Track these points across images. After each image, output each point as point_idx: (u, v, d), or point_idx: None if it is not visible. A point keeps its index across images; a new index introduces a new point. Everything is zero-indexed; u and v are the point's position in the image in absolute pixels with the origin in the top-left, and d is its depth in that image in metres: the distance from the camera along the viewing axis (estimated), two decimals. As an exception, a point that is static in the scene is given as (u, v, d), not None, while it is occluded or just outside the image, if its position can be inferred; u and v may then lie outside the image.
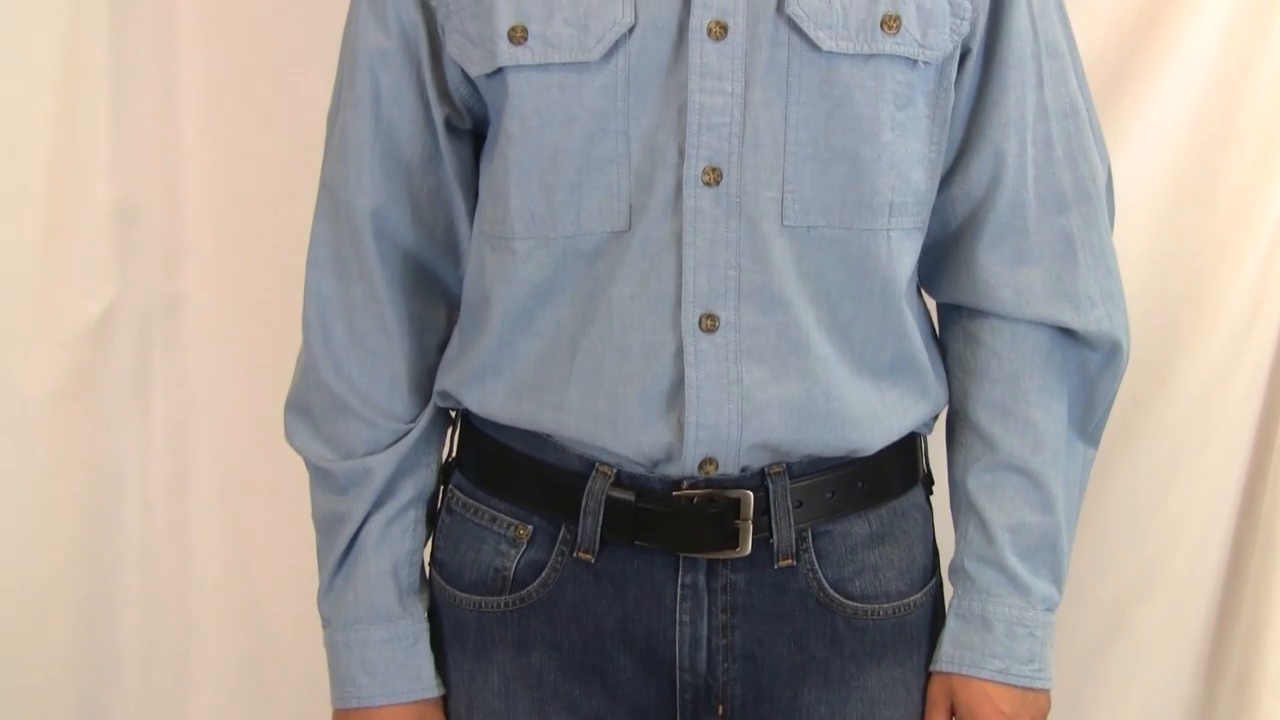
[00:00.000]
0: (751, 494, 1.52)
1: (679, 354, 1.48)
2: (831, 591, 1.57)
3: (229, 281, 2.37)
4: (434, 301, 1.68)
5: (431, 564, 1.70)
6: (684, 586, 1.54)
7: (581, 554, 1.55)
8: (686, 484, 1.52)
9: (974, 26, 1.53)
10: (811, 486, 1.55)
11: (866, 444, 1.55)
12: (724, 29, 1.43)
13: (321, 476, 1.67)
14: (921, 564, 1.65)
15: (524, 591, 1.59)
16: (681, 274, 1.46)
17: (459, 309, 1.65)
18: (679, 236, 1.46)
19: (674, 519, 1.52)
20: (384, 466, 1.63)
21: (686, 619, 1.55)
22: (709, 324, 1.47)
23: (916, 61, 1.48)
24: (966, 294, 1.62)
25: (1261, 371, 2.23)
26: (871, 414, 1.55)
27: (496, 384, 1.57)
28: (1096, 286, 1.60)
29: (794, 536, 1.55)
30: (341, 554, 1.65)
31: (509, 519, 1.60)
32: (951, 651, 1.62)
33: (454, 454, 1.71)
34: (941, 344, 1.68)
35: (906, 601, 1.61)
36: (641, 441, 1.50)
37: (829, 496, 1.56)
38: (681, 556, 1.54)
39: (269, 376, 1.96)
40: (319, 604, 1.69)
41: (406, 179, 1.60)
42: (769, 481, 1.53)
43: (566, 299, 1.52)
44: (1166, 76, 2.18)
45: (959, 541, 1.64)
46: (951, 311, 1.67)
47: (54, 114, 2.19)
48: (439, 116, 1.58)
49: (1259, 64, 2.17)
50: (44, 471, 2.26)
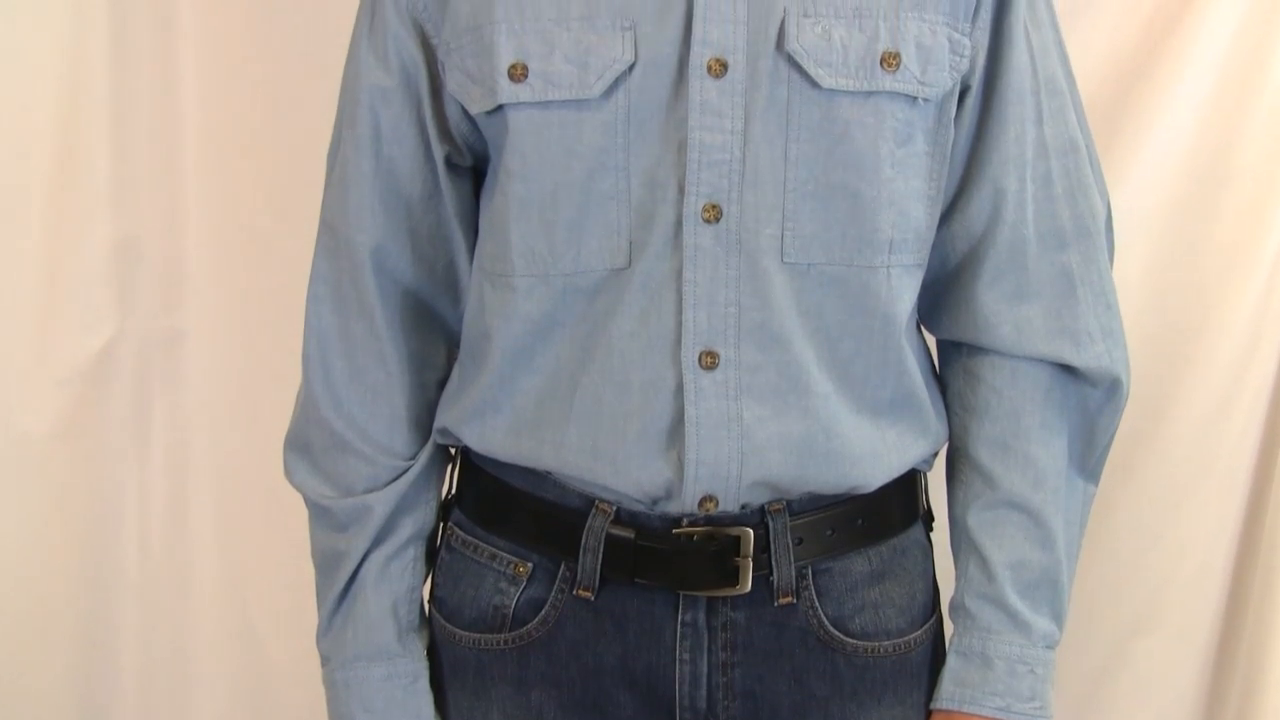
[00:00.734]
0: (751, 531, 1.52)
1: (679, 391, 1.48)
2: (832, 629, 1.56)
3: (228, 317, 2.37)
4: (434, 338, 1.68)
5: (431, 602, 1.69)
6: (684, 624, 1.54)
7: (581, 592, 1.55)
8: (686, 521, 1.51)
9: (973, 64, 1.53)
10: (811, 524, 1.55)
11: (867, 481, 1.55)
12: (724, 66, 1.44)
13: (321, 514, 1.66)
14: (922, 601, 1.64)
15: (524, 629, 1.58)
16: (681, 311, 1.46)
17: (459, 346, 1.65)
18: (679, 273, 1.46)
19: (674, 556, 1.52)
20: (383, 504, 1.63)
21: (686, 657, 1.54)
22: (709, 361, 1.47)
23: (916, 99, 1.48)
24: (966, 330, 1.62)
25: (1260, 404, 2.23)
26: (872, 451, 1.54)
27: (496, 421, 1.56)
28: (1096, 323, 1.59)
29: (794, 574, 1.54)
30: (341, 592, 1.65)
31: (509, 556, 1.59)
32: (952, 689, 1.61)
33: (453, 491, 1.70)
34: (941, 381, 1.68)
35: (907, 639, 1.61)
36: (641, 478, 1.50)
37: (829, 534, 1.56)
38: (681, 594, 1.53)
39: (268, 412, 1.96)
40: (318, 642, 1.68)
41: (407, 216, 1.60)
42: (769, 519, 1.53)
43: (566, 336, 1.52)
44: (1164, 112, 2.19)
45: (959, 579, 1.64)
46: (951, 348, 1.67)
47: (54, 149, 2.19)
48: (439, 154, 1.59)
49: (1256, 99, 2.17)
50: (43, 506, 2.26)
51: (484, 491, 1.63)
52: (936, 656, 1.66)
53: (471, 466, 1.65)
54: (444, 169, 1.60)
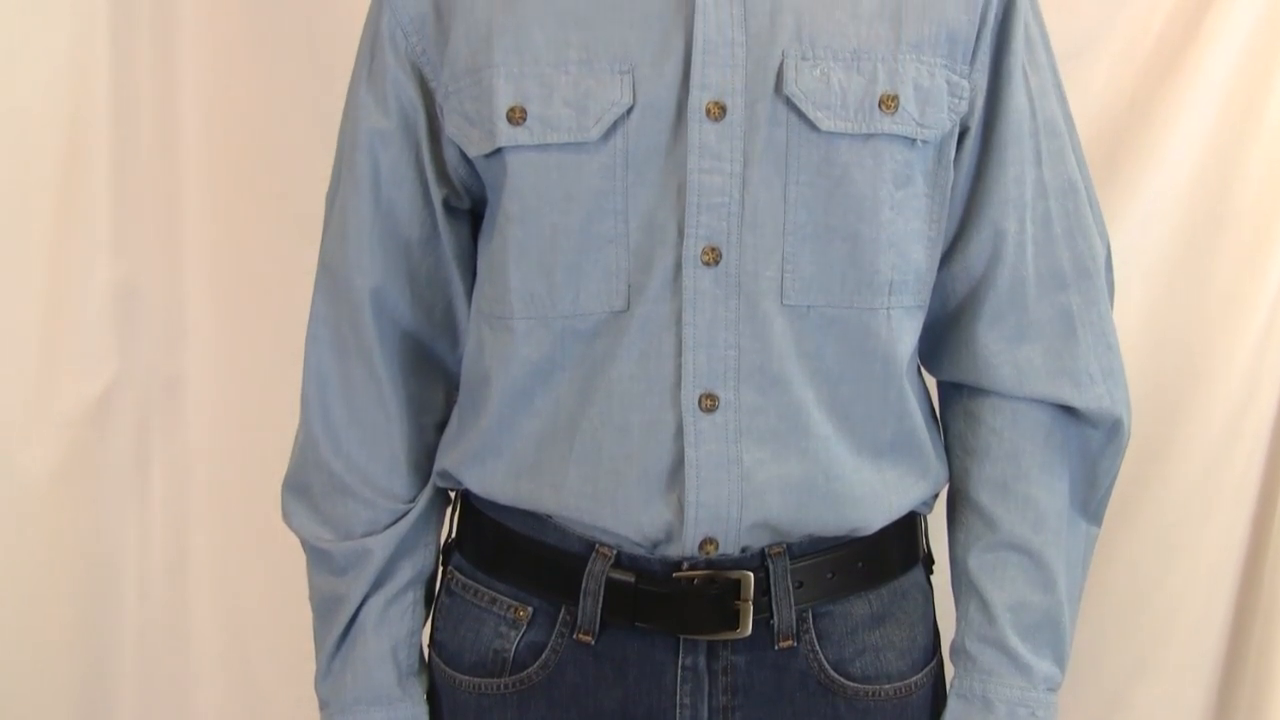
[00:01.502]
0: (752, 574, 1.51)
1: (679, 433, 1.48)
2: (832, 672, 1.56)
3: (227, 361, 2.38)
4: (433, 381, 1.68)
5: (430, 645, 1.69)
6: (684, 668, 1.53)
7: (581, 635, 1.54)
8: (687, 565, 1.51)
9: (972, 105, 1.54)
10: (812, 567, 1.54)
11: (867, 523, 1.54)
12: (722, 109, 1.44)
13: (319, 557, 1.66)
14: (922, 644, 1.64)
15: (524, 673, 1.58)
16: (681, 354, 1.46)
17: (458, 389, 1.65)
18: (678, 316, 1.46)
19: (674, 600, 1.51)
20: (383, 547, 1.63)
21: (687, 701, 1.54)
22: (709, 404, 1.47)
23: (915, 140, 1.48)
24: (967, 372, 1.61)
25: (1260, 448, 2.23)
26: (872, 493, 1.54)
27: (496, 464, 1.56)
28: (1097, 364, 1.59)
29: (794, 617, 1.54)
30: (340, 636, 1.64)
31: (509, 600, 1.59)
32: (954, 732, 1.61)
33: (453, 534, 1.70)
34: (942, 422, 1.68)
35: (908, 682, 1.60)
36: (642, 521, 1.50)
37: (829, 577, 1.55)
38: (682, 638, 1.53)
39: (268, 457, 1.95)
40: (317, 687, 1.68)
41: (405, 258, 1.61)
42: (769, 562, 1.52)
43: (566, 379, 1.51)
44: (1163, 153, 2.19)
45: (960, 621, 1.63)
46: (952, 390, 1.66)
47: (55, 194, 2.20)
48: (438, 196, 1.59)
49: (1254, 143, 2.18)
50: (43, 551, 2.26)
51: (484, 535, 1.63)
52: (937, 699, 1.65)
53: (471, 510, 1.65)
54: (442, 212, 1.60)
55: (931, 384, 1.69)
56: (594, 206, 1.47)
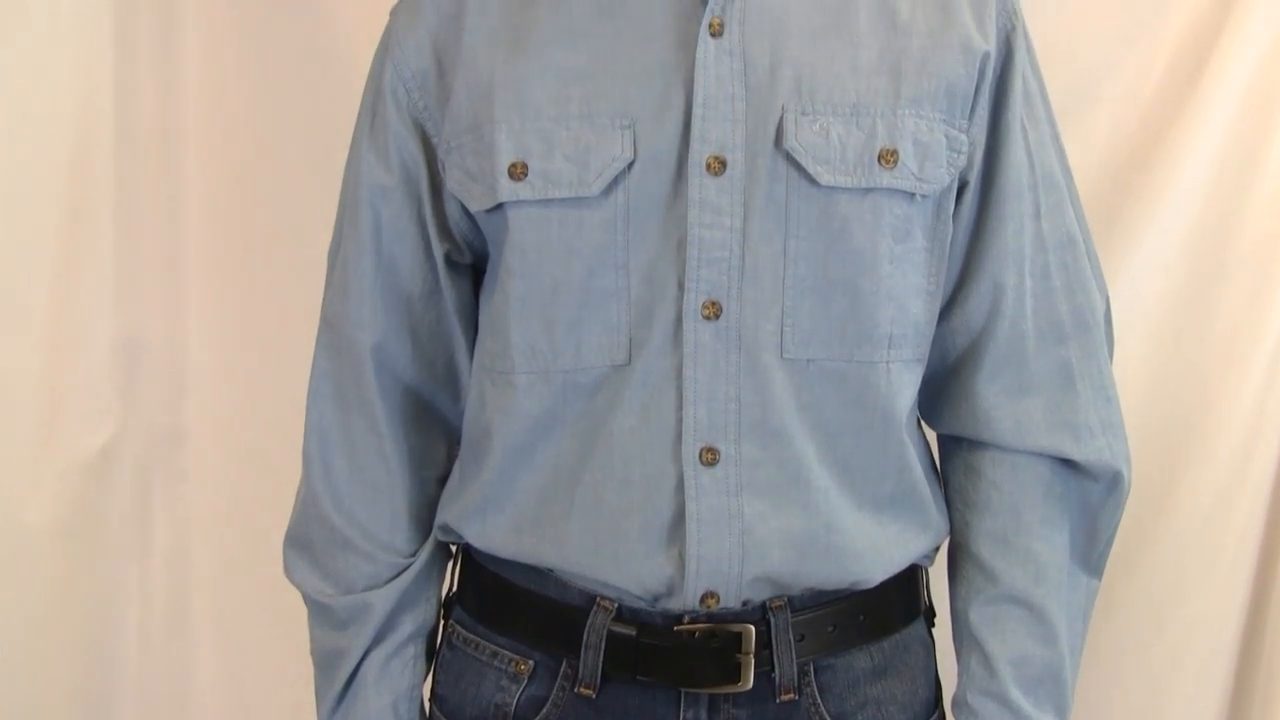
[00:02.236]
0: (753, 628, 1.51)
1: (680, 487, 1.48)
2: (834, 726, 1.56)
3: (230, 415, 2.38)
4: (434, 435, 1.69)
5: (431, 699, 1.68)
6: (686, 721, 1.53)
7: (583, 689, 1.54)
8: (688, 618, 1.51)
9: (971, 159, 1.54)
10: (813, 620, 1.54)
11: (868, 576, 1.54)
12: (723, 164, 1.45)
13: (320, 612, 1.66)
14: (924, 697, 1.63)
15: (525, 727, 1.58)
16: (682, 407, 1.47)
17: (459, 443, 1.66)
18: (679, 370, 1.46)
19: (675, 654, 1.51)
20: (384, 601, 1.63)
21: (689, 754, 1.53)
22: (709, 457, 1.47)
23: (914, 195, 1.49)
24: (966, 425, 1.62)
25: (1261, 499, 2.22)
26: (873, 546, 1.54)
27: (498, 518, 1.56)
28: (1096, 417, 1.59)
29: (796, 670, 1.53)
30: (341, 690, 1.64)
31: (510, 654, 1.58)
32: (955, 785, 1.60)
33: (454, 588, 1.70)
34: (942, 475, 1.68)
35: (910, 735, 1.60)
36: (643, 575, 1.50)
37: (831, 630, 1.55)
38: (683, 691, 1.52)
39: (269, 511, 1.95)
40: (318, 740, 1.68)
41: (407, 313, 1.61)
42: (770, 615, 1.52)
43: (567, 432, 1.52)
44: (1161, 207, 2.20)
45: (961, 674, 1.63)
46: (952, 443, 1.67)
47: (57, 247, 2.20)
48: (439, 251, 1.60)
49: (1253, 194, 2.18)
50: (44, 603, 2.25)
51: (485, 588, 1.63)
52: (939, 753, 1.65)
53: (472, 563, 1.65)
54: (444, 266, 1.61)
55: (932, 437, 1.69)
56: (595, 261, 1.47)
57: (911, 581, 1.63)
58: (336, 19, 2.25)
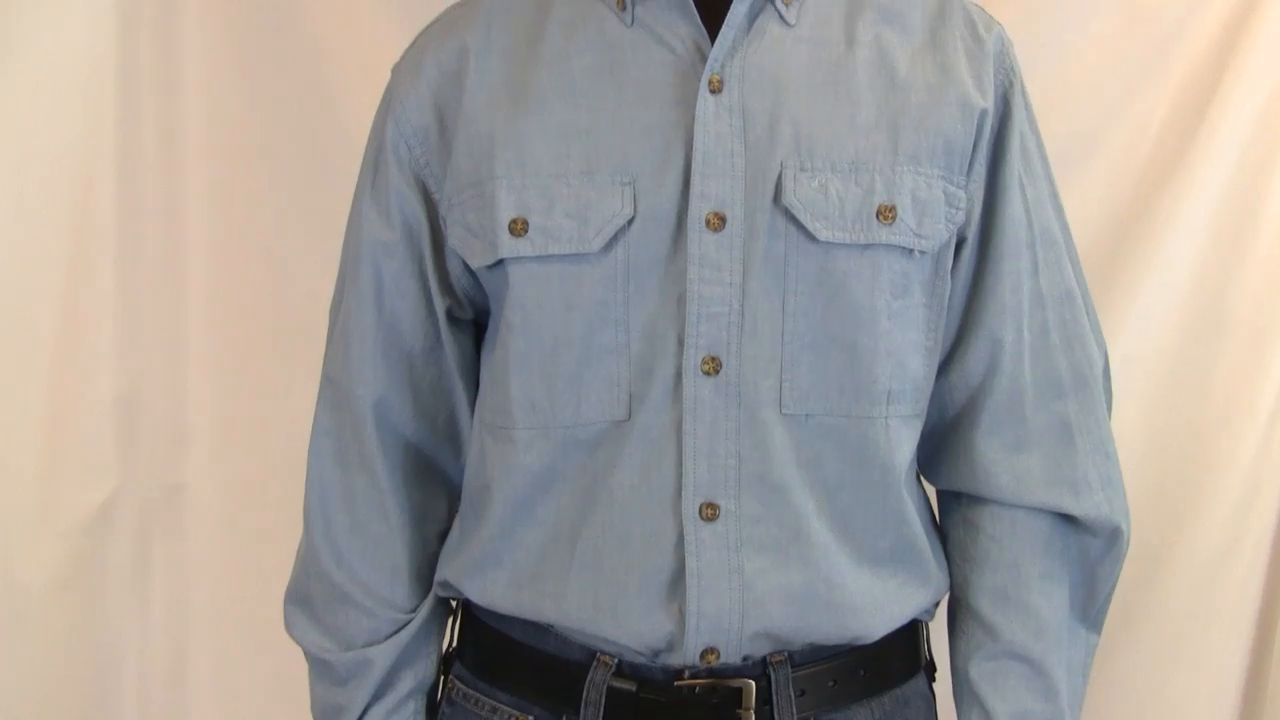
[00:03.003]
0: (754, 683, 1.51)
1: (680, 543, 1.47)
2: (835, 781, 1.55)
3: (229, 471, 2.38)
4: (435, 491, 1.68)
5: (432, 755, 1.68)
6: (687, 776, 1.52)
7: (583, 745, 1.54)
8: (688, 673, 1.50)
9: (969, 215, 1.55)
10: (814, 675, 1.53)
11: (868, 632, 1.54)
12: (722, 220, 1.45)
13: (321, 667, 1.66)
14: (925, 753, 1.63)
15: (526, 783, 1.57)
16: (682, 463, 1.47)
17: (460, 498, 1.66)
18: (679, 425, 1.46)
19: (676, 709, 1.50)
20: (384, 657, 1.62)
21: (689, 809, 1.53)
22: (709, 513, 1.47)
23: (912, 251, 1.49)
24: (965, 480, 1.62)
25: (1261, 553, 2.22)
26: (873, 602, 1.54)
27: (498, 574, 1.56)
28: (1095, 472, 1.59)
29: (797, 725, 1.53)
30: (341, 746, 1.64)
31: (510, 709, 1.58)
32: (957, 841, 1.60)
33: (454, 644, 1.69)
34: (942, 531, 1.68)
35: (911, 791, 1.60)
36: (643, 631, 1.49)
37: (831, 685, 1.55)
38: (684, 746, 1.52)
39: (269, 567, 1.96)
40: (319, 797, 1.67)
41: (408, 369, 1.62)
42: (771, 670, 1.51)
43: (567, 488, 1.52)
44: (1159, 263, 2.20)
45: (962, 730, 1.63)
46: (951, 498, 1.67)
47: (58, 304, 2.21)
48: (440, 307, 1.60)
49: (1251, 249, 2.19)
50: (43, 661, 2.25)
51: (485, 644, 1.62)
52: (941, 808, 1.64)
53: (472, 619, 1.64)
54: (445, 322, 1.61)
55: (931, 492, 1.69)
56: (595, 317, 1.48)
57: (912, 636, 1.63)
58: (339, 76, 2.26)
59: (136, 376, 2.31)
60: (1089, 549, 1.62)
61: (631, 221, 1.46)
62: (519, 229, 1.48)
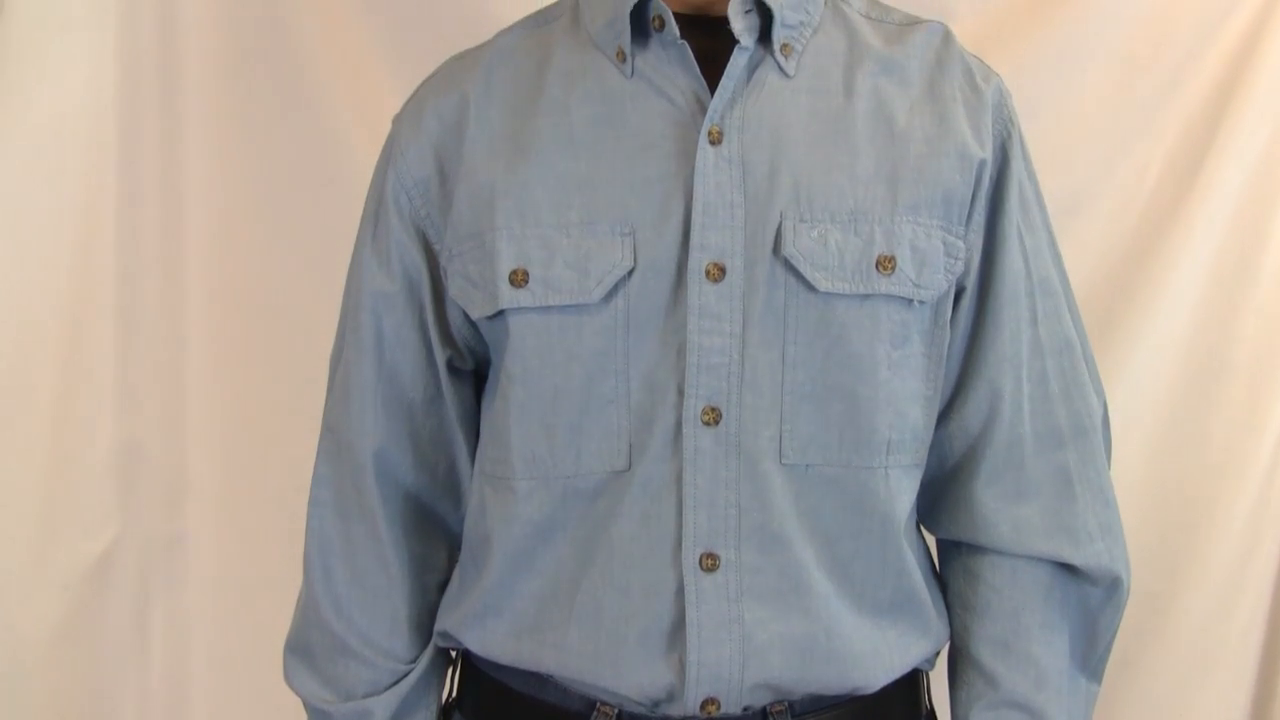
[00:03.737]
0: (754, 733, 1.51)
1: (680, 593, 1.47)
2: (836, 832, 1.55)
3: (229, 522, 2.37)
4: (435, 541, 1.68)
5: (432, 806, 1.67)
6: (686, 827, 1.52)
7: (583, 795, 1.53)
8: (688, 724, 1.50)
9: (968, 265, 1.55)
10: (814, 725, 1.53)
11: (869, 682, 1.53)
12: (722, 270, 1.45)
13: (321, 718, 1.65)
14: (926, 803, 1.63)
15: (524, 834, 1.56)
16: (682, 513, 1.46)
17: (460, 548, 1.65)
18: (679, 476, 1.46)
19: (676, 759, 1.50)
20: (384, 708, 1.62)
21: None
22: (709, 563, 1.47)
23: (912, 301, 1.49)
24: (965, 530, 1.61)
25: (1262, 602, 2.22)
26: (873, 651, 1.53)
27: (497, 624, 1.56)
28: (1095, 521, 1.59)
29: (797, 776, 1.53)
30: (341, 797, 1.63)
31: (511, 759, 1.58)
32: None
33: (454, 694, 1.69)
34: (942, 580, 1.67)
35: (911, 842, 1.59)
36: (643, 681, 1.49)
37: (832, 734, 1.55)
38: (684, 797, 1.52)
39: (268, 617, 1.95)
40: None
41: (409, 420, 1.62)
42: (771, 720, 1.52)
43: (567, 538, 1.51)
44: (1158, 312, 2.21)
45: (964, 779, 1.62)
46: (951, 547, 1.66)
47: (58, 354, 2.21)
48: (441, 358, 1.60)
49: (1249, 296, 2.20)
50: (42, 711, 2.24)
51: (485, 694, 1.62)
52: None
53: (472, 669, 1.64)
54: (446, 373, 1.61)
55: (931, 542, 1.69)
56: (595, 367, 1.48)
57: (912, 686, 1.62)
58: (340, 126, 2.26)
59: (136, 426, 2.31)
60: (1089, 598, 1.61)
61: (632, 272, 1.46)
62: (519, 280, 1.48)
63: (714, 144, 1.47)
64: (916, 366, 1.53)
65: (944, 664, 1.68)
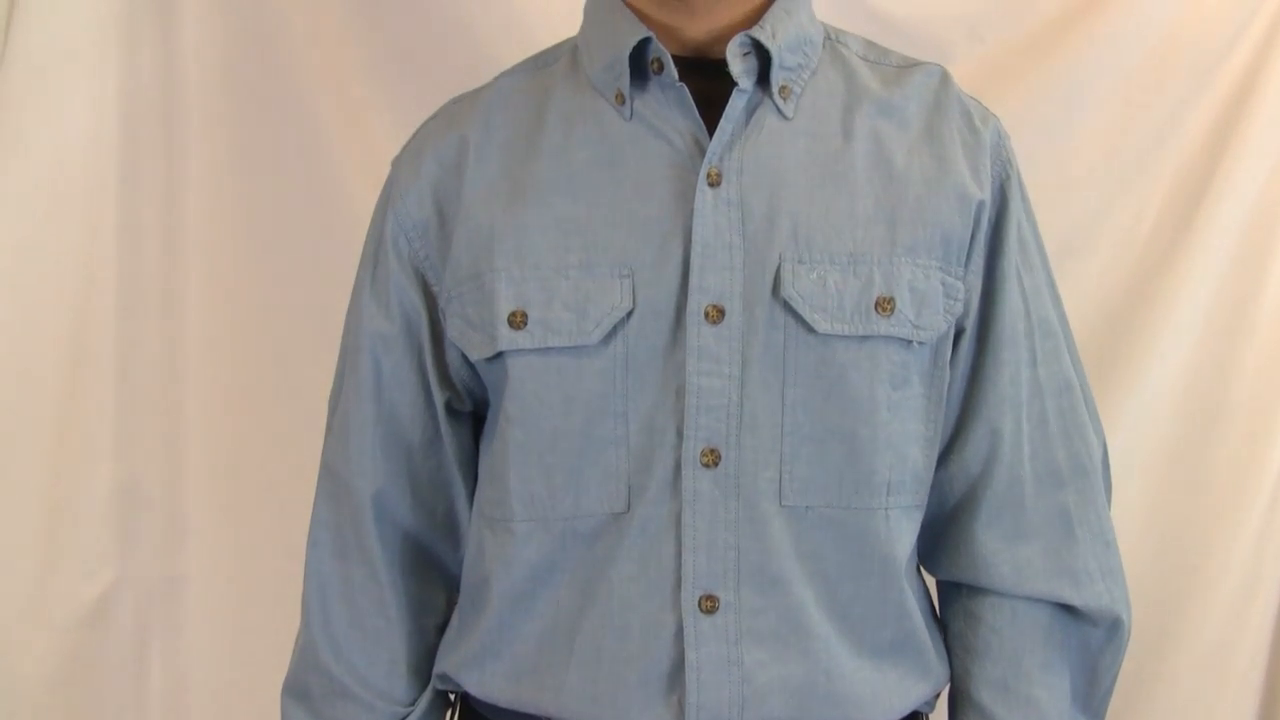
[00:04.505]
0: (753, 776, 1.50)
1: (679, 635, 1.47)
2: None
3: (227, 564, 2.37)
4: (434, 583, 1.68)
5: None
6: None
7: (583, 838, 1.52)
8: (688, 767, 1.49)
9: (967, 306, 1.55)
10: (814, 767, 1.53)
11: (868, 724, 1.53)
12: (721, 312, 1.45)
13: (319, 761, 1.65)
14: (927, 845, 1.62)
15: None
16: (681, 555, 1.46)
17: (458, 590, 1.65)
18: (678, 518, 1.46)
19: (675, 802, 1.49)
20: (382, 751, 1.62)
21: None
22: (709, 605, 1.46)
23: (911, 342, 1.49)
24: (965, 571, 1.61)
25: (1263, 643, 2.22)
26: (873, 694, 1.53)
27: (496, 666, 1.55)
28: (1095, 562, 1.59)
29: (797, 819, 1.52)
30: (339, 841, 1.63)
31: (508, 803, 1.57)
32: None
33: (452, 737, 1.69)
34: (942, 621, 1.67)
35: None
36: (642, 723, 1.49)
37: (832, 777, 1.54)
38: (683, 839, 1.51)
39: (267, 660, 1.95)
40: None
41: (407, 461, 1.62)
42: (771, 762, 1.51)
43: (566, 580, 1.51)
44: (1157, 353, 2.21)
45: (965, 823, 1.61)
46: (951, 589, 1.66)
47: (57, 395, 2.21)
48: (439, 400, 1.60)
49: (1248, 337, 2.20)
50: (40, 757, 2.24)
51: (483, 737, 1.62)
52: None
53: (471, 712, 1.63)
54: (444, 414, 1.61)
55: (931, 583, 1.69)
56: (594, 409, 1.48)
57: (913, 728, 1.62)
58: (339, 170, 2.27)
59: (135, 469, 2.30)
60: (1090, 640, 1.61)
61: (631, 314, 1.46)
62: (518, 321, 1.48)
63: (712, 186, 1.47)
64: (916, 407, 1.53)
65: (944, 705, 1.68)
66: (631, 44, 1.50)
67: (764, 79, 1.51)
